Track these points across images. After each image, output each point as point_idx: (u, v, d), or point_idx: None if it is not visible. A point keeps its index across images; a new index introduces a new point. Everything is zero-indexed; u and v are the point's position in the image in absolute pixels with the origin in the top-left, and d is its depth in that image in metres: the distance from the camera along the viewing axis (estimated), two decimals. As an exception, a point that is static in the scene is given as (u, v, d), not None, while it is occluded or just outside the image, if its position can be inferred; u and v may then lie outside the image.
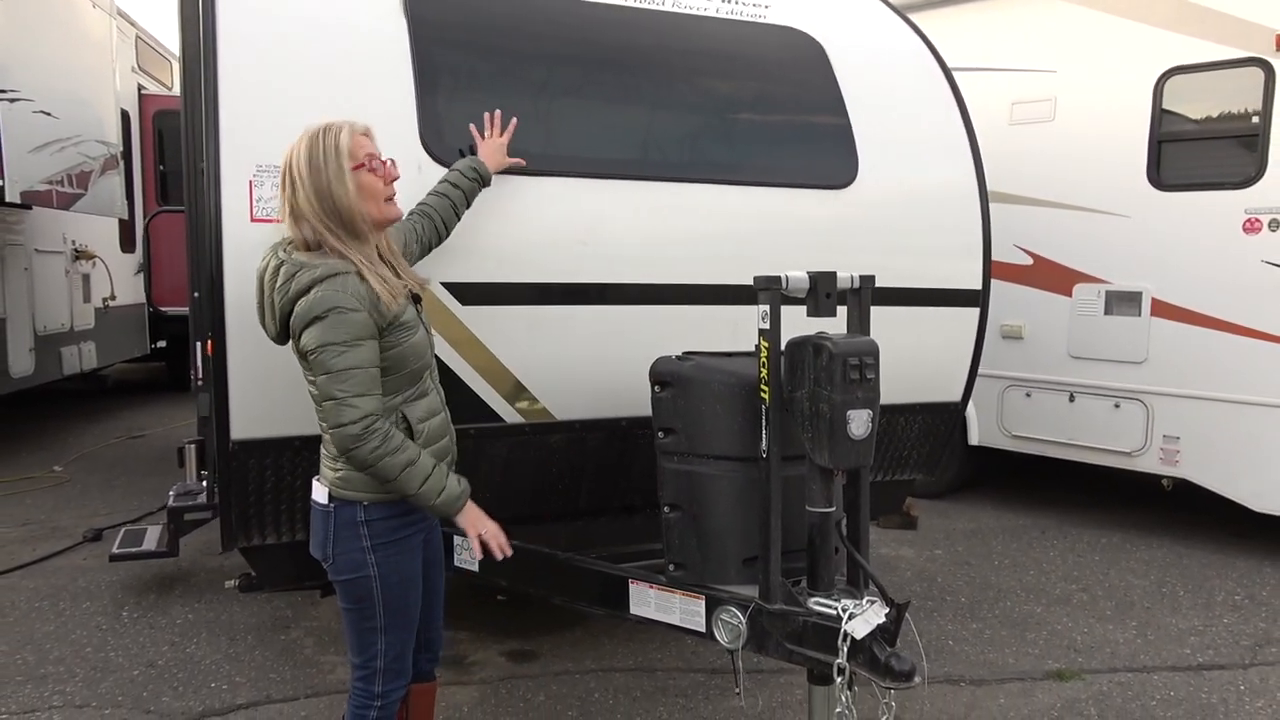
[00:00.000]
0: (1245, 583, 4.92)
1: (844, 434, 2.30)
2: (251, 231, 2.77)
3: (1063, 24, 5.88)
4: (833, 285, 2.44)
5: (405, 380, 2.28)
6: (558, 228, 3.12)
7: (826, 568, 2.45)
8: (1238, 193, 5.22)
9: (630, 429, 3.37)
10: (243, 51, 2.84)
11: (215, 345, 2.78)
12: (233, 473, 2.90)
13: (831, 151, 3.55)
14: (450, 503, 2.27)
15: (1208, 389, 5.37)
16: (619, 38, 3.36)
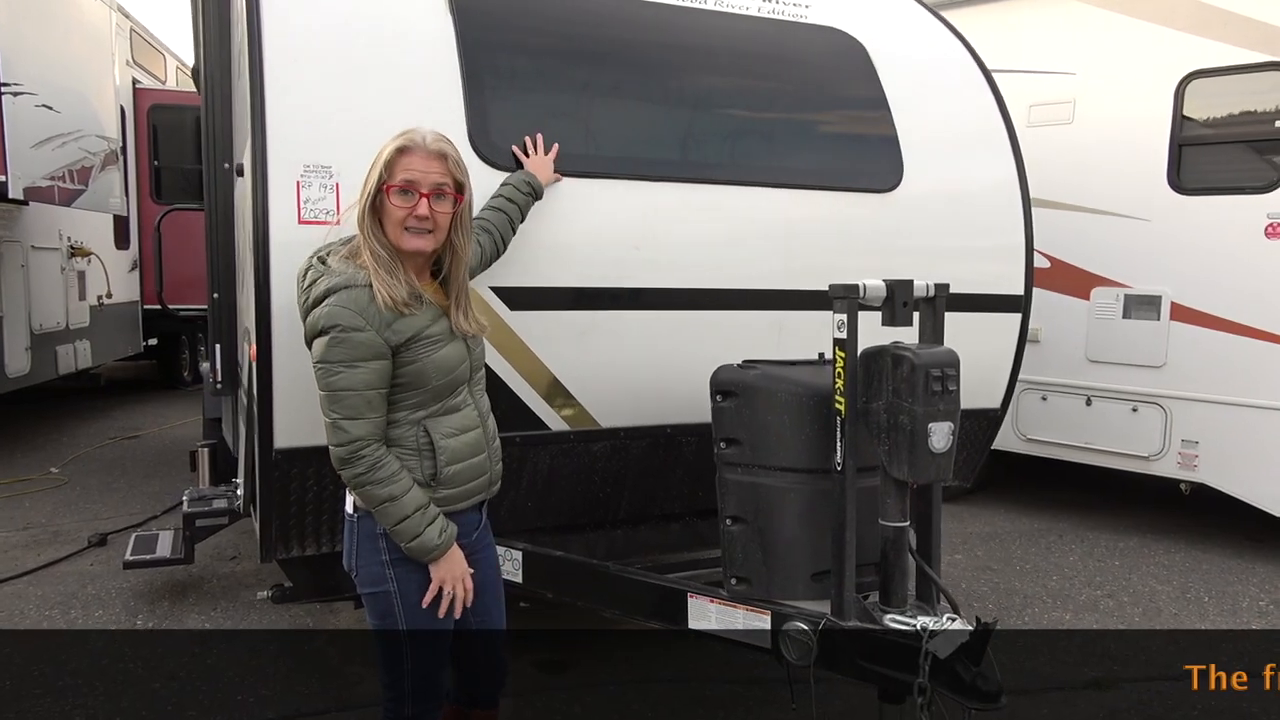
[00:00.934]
0: (1268, 588, 4.92)
1: (925, 447, 2.25)
2: (299, 234, 2.68)
3: (1082, 26, 5.86)
4: (909, 294, 2.39)
5: (429, 396, 2.21)
6: (608, 231, 3.05)
7: (901, 583, 2.39)
8: (1260, 197, 5.22)
9: (674, 435, 3.30)
10: (288, 51, 2.74)
11: (260, 351, 2.69)
12: (275, 482, 2.81)
13: (877, 154, 3.49)
14: (423, 552, 2.18)
15: (1227, 394, 5.36)
16: (671, 38, 3.29)
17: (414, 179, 2.14)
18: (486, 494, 2.36)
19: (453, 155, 2.20)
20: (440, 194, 2.17)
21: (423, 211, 2.15)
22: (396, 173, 2.15)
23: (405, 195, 2.15)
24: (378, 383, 2.13)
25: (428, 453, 2.20)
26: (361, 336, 2.09)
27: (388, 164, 2.15)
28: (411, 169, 2.15)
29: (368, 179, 2.18)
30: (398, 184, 2.14)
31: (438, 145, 2.18)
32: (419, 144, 2.17)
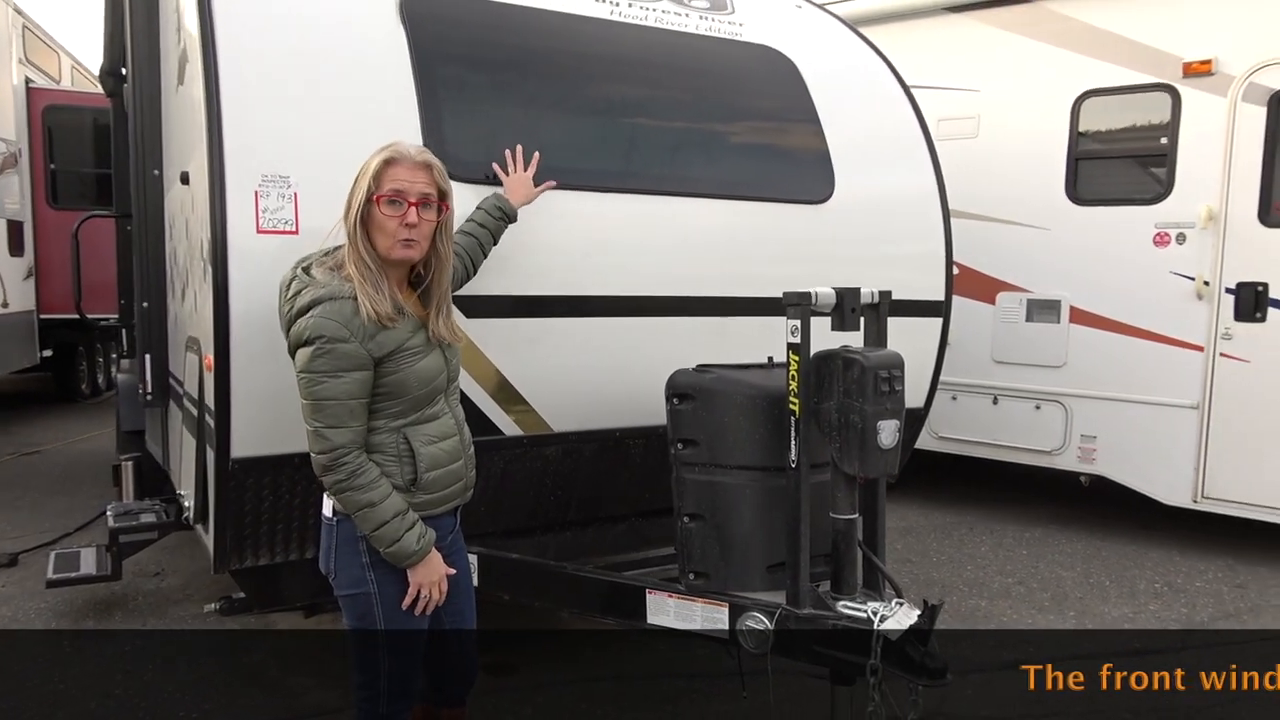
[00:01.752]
0: (1162, 571, 5.30)
1: (874, 444, 2.41)
2: (257, 244, 2.69)
3: (985, 46, 6.21)
4: (857, 300, 2.55)
5: (409, 405, 2.27)
6: (560, 240, 3.13)
7: (851, 572, 2.55)
8: (1149, 208, 5.62)
9: (623, 439, 3.41)
10: (244, 60, 2.75)
11: (218, 361, 2.69)
12: (231, 492, 2.80)
13: (811, 167, 3.67)
14: (402, 557, 2.24)
15: (1121, 391, 5.75)
16: (619, 52, 3.40)
17: (402, 188, 2.20)
18: (461, 499, 2.42)
19: (437, 166, 2.28)
20: (427, 203, 2.24)
21: (412, 219, 2.21)
22: (384, 183, 2.20)
23: (394, 205, 2.20)
24: (360, 392, 2.17)
25: (407, 459, 2.25)
26: (346, 348, 2.15)
27: (376, 175, 2.20)
28: (399, 179, 2.21)
29: (354, 192, 2.23)
30: (387, 194, 2.20)
31: (423, 156, 2.26)
32: (405, 155, 2.23)
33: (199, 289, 2.99)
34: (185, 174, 3.12)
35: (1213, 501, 5.46)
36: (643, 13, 3.57)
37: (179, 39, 3.36)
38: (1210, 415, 5.44)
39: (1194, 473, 5.50)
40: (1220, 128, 5.36)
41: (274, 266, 2.67)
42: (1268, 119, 5.22)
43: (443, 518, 2.38)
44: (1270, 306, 5.23)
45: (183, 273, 3.48)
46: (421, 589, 2.27)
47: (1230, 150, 5.33)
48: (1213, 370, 5.43)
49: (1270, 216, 5.24)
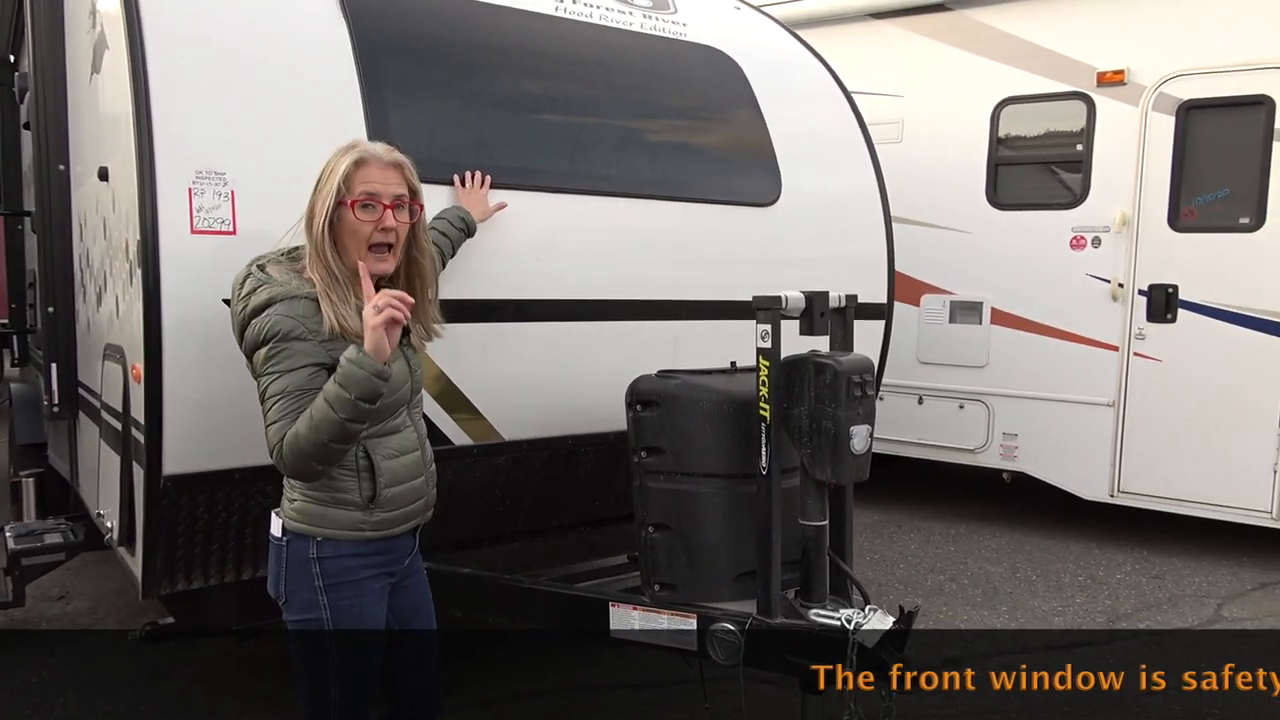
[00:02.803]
0: (1084, 564, 5.47)
1: (847, 449, 2.38)
2: (191, 245, 2.52)
3: (908, 52, 6.32)
4: (826, 305, 2.52)
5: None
6: (510, 242, 3.03)
7: (821, 579, 2.52)
8: (1065, 212, 5.80)
9: (574, 446, 3.32)
10: (172, 50, 2.56)
11: (148, 371, 2.49)
12: (162, 511, 2.61)
13: (759, 170, 3.64)
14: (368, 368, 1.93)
15: (1041, 390, 5.92)
16: (568, 50, 3.31)
17: (376, 191, 2.08)
18: (421, 518, 2.30)
19: (407, 164, 2.16)
20: (401, 204, 2.12)
21: (389, 223, 2.08)
22: (356, 186, 2.07)
23: (368, 209, 2.07)
24: (316, 385, 2.02)
25: (367, 474, 2.13)
26: (303, 345, 2.03)
27: (346, 178, 2.06)
28: (371, 181, 2.08)
29: (318, 197, 2.08)
30: (360, 197, 2.06)
31: (392, 155, 2.13)
32: (375, 155, 2.10)
33: (122, 293, 2.78)
34: (104, 169, 2.90)
35: (1129, 496, 5.66)
36: (588, 10, 3.49)
37: (92, 23, 3.13)
38: (1125, 413, 5.64)
39: (1111, 468, 5.70)
40: (1132, 135, 5.56)
41: (210, 269, 2.53)
42: (1176, 128, 5.45)
43: (402, 538, 2.25)
44: (1180, 307, 5.45)
45: (98, 275, 3.24)
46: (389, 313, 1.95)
47: (1142, 157, 5.54)
48: (1127, 369, 5.63)
49: (1179, 221, 5.46)
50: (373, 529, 2.16)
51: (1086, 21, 5.71)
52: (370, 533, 2.16)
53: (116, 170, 2.78)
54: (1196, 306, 5.41)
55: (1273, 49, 5.16)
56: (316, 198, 2.10)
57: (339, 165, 2.08)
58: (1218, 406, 5.35)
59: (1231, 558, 5.48)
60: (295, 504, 2.14)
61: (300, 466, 2.04)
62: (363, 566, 2.17)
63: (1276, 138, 5.17)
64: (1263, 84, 5.20)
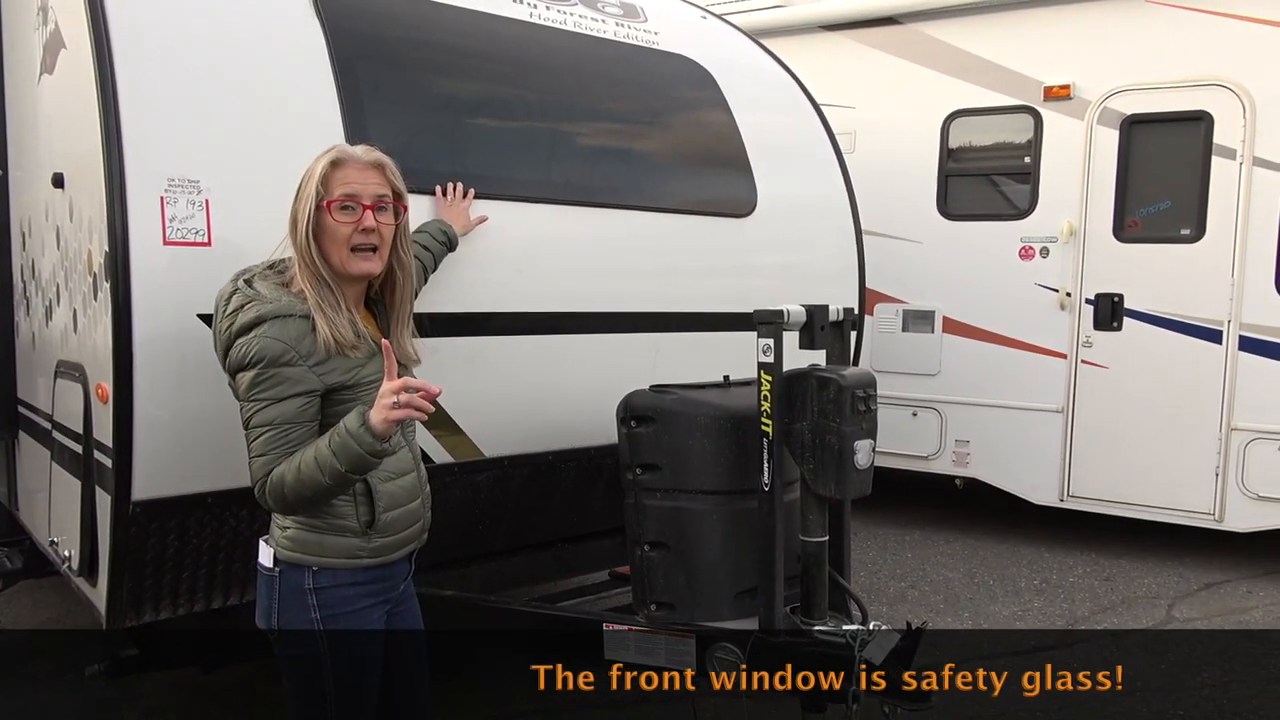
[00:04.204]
0: (1037, 568, 5.58)
1: (851, 464, 2.36)
2: (164, 256, 2.38)
3: (860, 64, 6.39)
4: (826, 318, 2.50)
5: None
6: (493, 253, 2.95)
7: (822, 595, 2.49)
8: (1014, 223, 5.93)
9: (555, 463, 3.24)
10: (144, 51, 2.42)
11: (117, 390, 2.35)
12: (131, 539, 2.46)
13: (736, 180, 3.62)
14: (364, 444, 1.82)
15: (992, 397, 6.03)
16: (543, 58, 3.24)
17: (354, 191, 1.99)
18: (418, 542, 2.21)
19: (389, 164, 2.07)
20: (383, 206, 2.02)
21: (369, 224, 1.99)
22: (334, 187, 1.98)
23: (347, 210, 1.98)
24: (302, 417, 1.94)
25: (364, 498, 2.03)
26: (291, 371, 1.92)
27: (323, 179, 1.97)
28: (350, 181, 1.99)
29: (299, 203, 1.99)
30: (338, 199, 1.97)
31: (372, 155, 2.04)
32: (353, 156, 2.02)
33: (82, 307, 2.62)
34: (58, 176, 2.73)
35: (1078, 500, 5.80)
36: (560, 16, 3.43)
37: (43, 20, 2.95)
38: (1074, 419, 5.77)
39: (1060, 473, 5.83)
40: (1078, 149, 5.71)
41: (183, 282, 2.41)
42: (1120, 141, 5.61)
43: (398, 564, 2.16)
44: (1126, 316, 5.61)
45: (48, 288, 3.05)
46: (407, 404, 1.81)
47: (1088, 169, 5.69)
48: (1075, 376, 5.77)
49: (1124, 232, 5.62)
50: (371, 556, 2.07)
51: (1034, 37, 5.85)
52: (368, 560, 2.07)
53: (76, 177, 2.62)
54: (1141, 315, 5.57)
55: (1211, 67, 5.35)
56: (298, 203, 2.01)
57: (317, 168, 2.00)
58: (1162, 412, 5.51)
59: (1176, 559, 5.64)
60: (288, 532, 2.03)
61: (283, 509, 1.98)
62: (361, 595, 2.07)
63: (1215, 152, 5.36)
64: (1202, 100, 5.39)
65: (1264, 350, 5.29)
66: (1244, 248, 5.27)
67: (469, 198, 2.86)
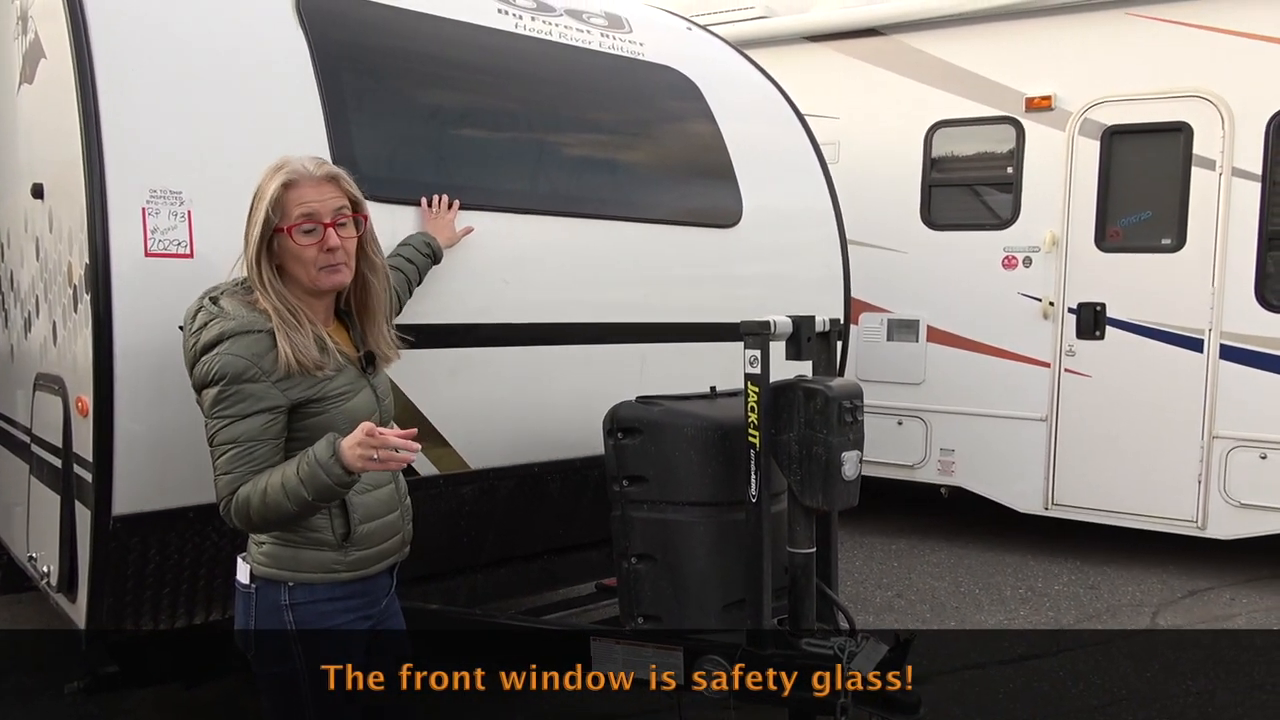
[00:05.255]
0: (1023, 576, 5.59)
1: (838, 475, 2.35)
2: (145, 268, 2.35)
3: (844, 75, 6.42)
4: (812, 329, 2.50)
5: None
6: (478, 264, 2.94)
7: (810, 607, 2.48)
8: (997, 233, 5.96)
9: (541, 474, 3.22)
10: (125, 61, 2.41)
11: (98, 404, 2.32)
12: (111, 554, 2.43)
13: (721, 191, 3.63)
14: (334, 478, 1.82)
15: (976, 406, 6.05)
16: (531, 68, 3.23)
17: (313, 210, 1.95)
18: (399, 555, 2.19)
19: (342, 174, 2.03)
20: (343, 221, 1.99)
21: (333, 242, 1.96)
22: (291, 210, 1.94)
23: (309, 232, 1.95)
24: (266, 435, 1.92)
25: (339, 510, 2.01)
26: (254, 388, 1.90)
27: (275, 202, 1.93)
28: (306, 201, 1.94)
29: (251, 224, 1.96)
30: (298, 222, 1.94)
31: (324, 170, 2.00)
32: (304, 172, 1.97)
33: (62, 319, 2.59)
34: (38, 186, 2.71)
35: (1062, 508, 5.82)
36: (546, 26, 3.43)
37: (22, 29, 2.92)
38: (1058, 427, 5.80)
39: (1044, 482, 5.85)
40: (1060, 159, 5.75)
41: (165, 294, 2.38)
42: (1101, 152, 5.65)
43: (378, 577, 2.14)
44: (1108, 325, 5.64)
45: (26, 300, 3.02)
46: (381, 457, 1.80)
47: (1069, 180, 5.73)
48: (1059, 385, 5.80)
49: (1105, 242, 5.66)
50: (348, 569, 2.05)
51: (1015, 49, 5.90)
52: (346, 574, 2.05)
53: (56, 188, 2.60)
54: (1124, 324, 5.61)
55: (1190, 79, 5.40)
56: (249, 226, 1.97)
57: (267, 189, 1.95)
58: (1145, 420, 5.54)
59: (1160, 566, 5.67)
60: (264, 547, 2.01)
61: (248, 529, 1.96)
62: (340, 611, 2.05)
63: (1195, 163, 5.41)
64: (1181, 112, 5.44)
65: (1244, 359, 5.33)
66: (1224, 257, 5.32)
67: (454, 209, 2.85)
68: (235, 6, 2.69)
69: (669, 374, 3.34)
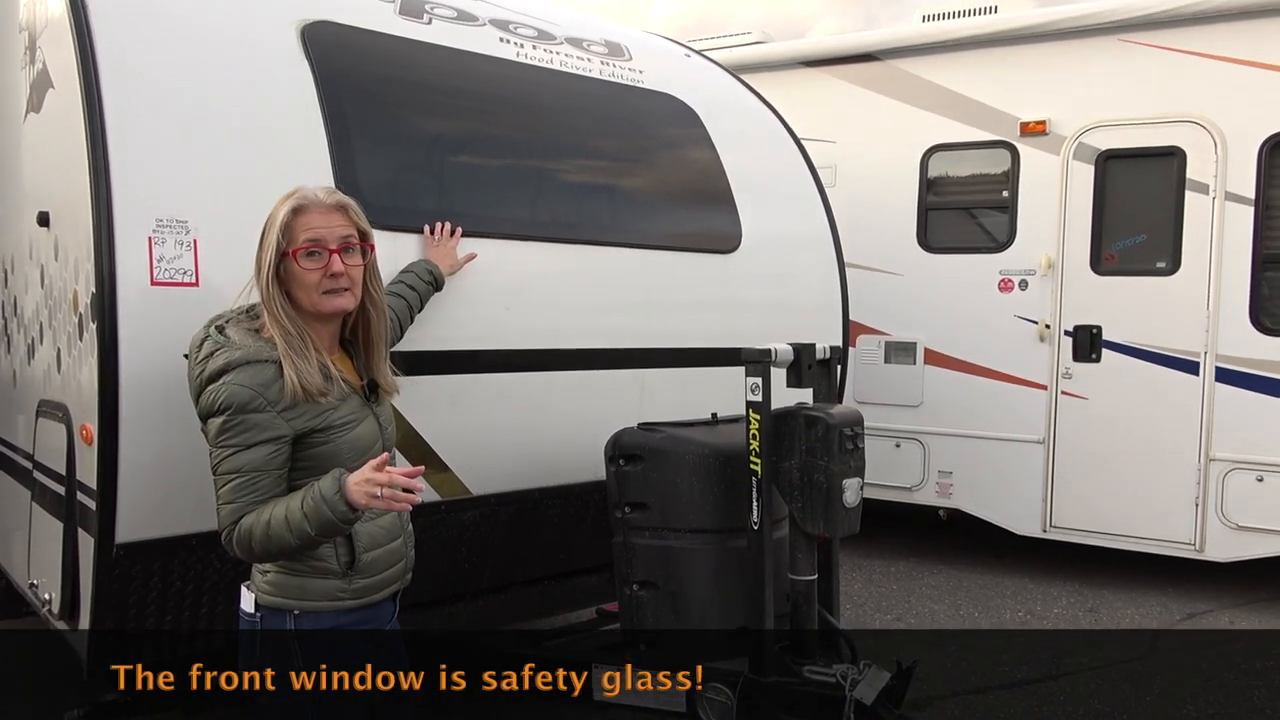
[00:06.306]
0: (1022, 599, 5.59)
1: (839, 503, 2.37)
2: (152, 297, 2.38)
3: (840, 100, 6.47)
4: (813, 357, 2.51)
5: None
6: (481, 291, 2.95)
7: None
8: (993, 256, 6.00)
9: (541, 499, 3.23)
10: (133, 92, 2.43)
11: (102, 432, 2.33)
12: (114, 582, 2.43)
13: (720, 216, 3.65)
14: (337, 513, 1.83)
15: (974, 428, 6.07)
16: (535, 97, 3.26)
17: (319, 236, 1.98)
18: (401, 583, 2.20)
19: (352, 205, 2.06)
20: (349, 248, 2.02)
21: (337, 269, 1.99)
22: (298, 234, 1.97)
23: (314, 256, 1.98)
24: (270, 465, 1.94)
25: (343, 539, 2.02)
26: (259, 418, 1.91)
27: (285, 228, 1.97)
28: (313, 227, 1.98)
29: (262, 248, 1.99)
30: (303, 246, 1.97)
31: (334, 198, 2.04)
32: (314, 200, 2.01)
33: (67, 347, 2.60)
34: (44, 214, 2.72)
35: (1060, 530, 5.82)
36: (547, 55, 3.46)
37: (30, 59, 2.95)
38: (1055, 450, 5.81)
39: (1042, 504, 5.86)
40: (1055, 183, 5.79)
41: (170, 322, 2.39)
42: (1095, 176, 5.70)
43: (382, 604, 2.15)
44: (1104, 348, 5.67)
45: (29, 326, 3.03)
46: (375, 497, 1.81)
47: (1064, 203, 5.77)
48: (1055, 407, 5.82)
49: (1101, 265, 5.70)
50: (353, 597, 2.06)
51: (1009, 74, 5.95)
52: (351, 601, 2.06)
53: (63, 216, 2.62)
54: (1120, 346, 5.63)
55: (1183, 104, 5.46)
56: (260, 250, 2.01)
57: (278, 214, 1.99)
58: (1142, 442, 5.56)
59: (1159, 589, 5.67)
60: (269, 576, 2.02)
61: (250, 559, 1.97)
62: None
63: (1189, 187, 5.46)
64: (1174, 136, 5.49)
65: (1240, 381, 5.35)
66: (1219, 280, 5.36)
67: (456, 237, 2.87)
68: (242, 37, 2.72)
69: (669, 399, 3.35)
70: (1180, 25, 5.45)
